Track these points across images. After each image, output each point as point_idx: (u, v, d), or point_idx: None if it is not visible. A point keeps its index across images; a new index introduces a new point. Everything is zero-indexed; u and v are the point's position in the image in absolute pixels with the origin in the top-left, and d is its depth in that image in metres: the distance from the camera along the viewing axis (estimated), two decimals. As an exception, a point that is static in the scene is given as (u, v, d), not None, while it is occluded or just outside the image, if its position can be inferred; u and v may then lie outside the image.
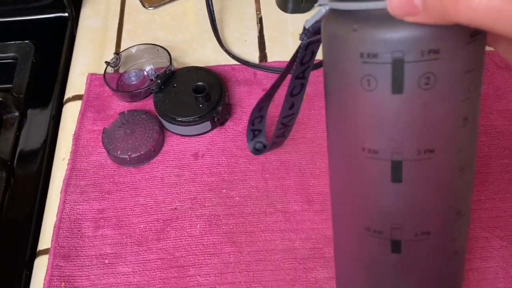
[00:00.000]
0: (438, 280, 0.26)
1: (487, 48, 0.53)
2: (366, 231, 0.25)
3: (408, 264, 0.25)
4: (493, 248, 0.37)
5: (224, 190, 0.40)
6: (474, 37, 0.20)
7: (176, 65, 0.48)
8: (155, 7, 0.54)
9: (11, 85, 0.49)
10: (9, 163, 0.44)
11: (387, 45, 0.20)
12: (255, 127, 0.40)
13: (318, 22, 0.25)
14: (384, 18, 0.20)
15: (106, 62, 0.46)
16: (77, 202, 0.40)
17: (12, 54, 0.51)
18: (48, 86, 0.49)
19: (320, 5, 0.24)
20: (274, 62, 0.48)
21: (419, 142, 0.22)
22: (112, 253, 0.37)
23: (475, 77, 0.22)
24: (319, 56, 0.27)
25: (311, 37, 0.26)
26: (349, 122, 0.23)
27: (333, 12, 0.23)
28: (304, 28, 0.27)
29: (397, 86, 0.21)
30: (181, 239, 0.38)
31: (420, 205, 0.24)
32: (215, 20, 0.49)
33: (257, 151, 0.41)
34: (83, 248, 0.38)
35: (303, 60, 0.29)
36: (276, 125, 0.36)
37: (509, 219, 0.39)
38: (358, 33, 0.21)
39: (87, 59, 0.50)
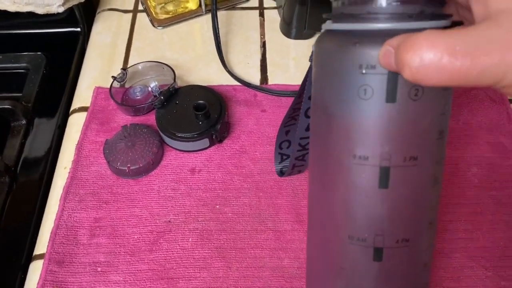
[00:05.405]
0: None
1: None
2: (349, 240, 0.26)
3: (388, 273, 0.26)
4: (478, 278, 0.38)
5: (217, 206, 0.42)
6: None
7: (180, 83, 0.50)
8: (164, 26, 0.56)
9: (20, 94, 0.51)
10: (13, 169, 0.45)
11: None
12: (283, 151, 0.42)
13: None
14: (382, 34, 0.22)
15: (112, 76, 0.48)
16: (75, 210, 0.41)
17: (24, 65, 0.54)
18: (56, 97, 0.51)
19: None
20: (274, 84, 0.50)
21: (405, 148, 0.24)
22: (105, 262, 0.38)
23: (449, 96, 0.25)
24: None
25: None
26: (342, 130, 0.25)
27: (330, 32, 0.25)
28: (312, 51, 0.29)
29: (391, 96, 0.23)
30: (173, 251, 0.39)
31: (402, 211, 0.25)
32: (220, 42, 0.51)
33: (282, 174, 0.43)
34: (77, 255, 0.39)
35: None
36: (295, 145, 0.37)
37: (495, 250, 0.39)
38: (358, 46, 0.23)
39: (95, 73, 0.52)
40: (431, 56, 0.18)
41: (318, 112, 0.27)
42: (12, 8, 0.49)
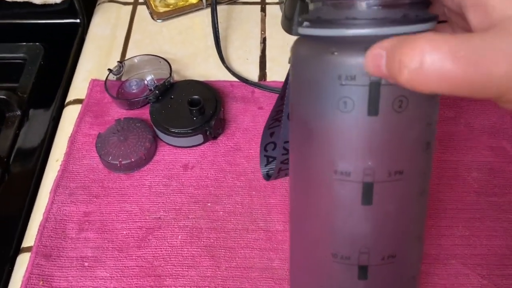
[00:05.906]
0: None
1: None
2: (332, 258, 0.25)
3: None
4: (473, 286, 0.37)
5: (209, 204, 0.41)
6: None
7: (177, 78, 0.49)
8: (164, 20, 0.55)
9: (17, 84, 0.50)
10: (5, 160, 0.45)
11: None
12: (268, 154, 0.41)
13: None
14: (362, 42, 0.20)
15: (108, 69, 0.47)
16: (64, 203, 0.41)
17: (21, 55, 0.53)
18: (52, 89, 0.51)
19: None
20: (272, 81, 0.49)
21: (390, 163, 0.23)
22: (93, 257, 0.38)
23: (435, 105, 0.23)
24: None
25: None
26: (322, 145, 0.23)
27: (306, 37, 0.24)
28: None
29: (373, 108, 0.21)
30: (161, 248, 0.38)
31: (388, 227, 0.24)
32: (219, 37, 0.50)
33: (269, 177, 0.41)
34: (65, 249, 0.38)
35: None
36: (279, 148, 0.36)
37: (492, 258, 0.38)
38: (337, 55, 0.21)
39: (92, 65, 0.51)
40: (433, 59, 0.17)
41: (296, 123, 0.26)
42: (9, -3, 0.48)
